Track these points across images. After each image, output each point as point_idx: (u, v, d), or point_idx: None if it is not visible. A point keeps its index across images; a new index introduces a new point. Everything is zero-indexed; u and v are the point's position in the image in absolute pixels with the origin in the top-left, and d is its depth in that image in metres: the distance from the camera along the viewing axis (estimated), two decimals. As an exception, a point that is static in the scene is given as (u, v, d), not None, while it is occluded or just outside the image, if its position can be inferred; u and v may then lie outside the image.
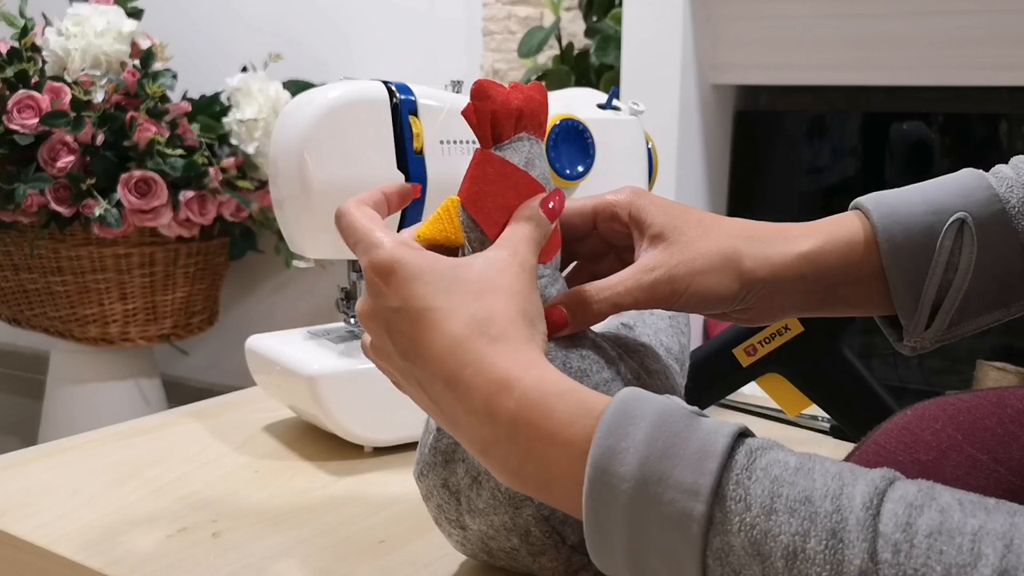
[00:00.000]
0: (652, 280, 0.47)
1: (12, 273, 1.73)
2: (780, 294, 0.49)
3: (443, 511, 0.49)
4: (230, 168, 1.70)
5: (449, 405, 0.41)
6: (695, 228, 0.48)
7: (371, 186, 0.50)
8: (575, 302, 0.47)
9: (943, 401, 0.44)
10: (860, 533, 0.31)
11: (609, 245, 0.52)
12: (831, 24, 1.32)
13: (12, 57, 1.58)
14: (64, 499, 0.63)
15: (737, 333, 0.70)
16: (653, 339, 0.56)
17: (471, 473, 0.47)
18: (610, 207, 0.50)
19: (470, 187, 0.47)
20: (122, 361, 1.79)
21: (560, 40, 1.60)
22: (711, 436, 0.35)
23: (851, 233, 0.49)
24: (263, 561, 0.55)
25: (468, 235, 0.47)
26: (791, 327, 0.68)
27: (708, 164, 1.49)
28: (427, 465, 0.49)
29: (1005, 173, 0.49)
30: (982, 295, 0.48)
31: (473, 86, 0.46)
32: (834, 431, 0.79)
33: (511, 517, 0.46)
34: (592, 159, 0.76)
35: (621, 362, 0.49)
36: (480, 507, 0.47)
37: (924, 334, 0.49)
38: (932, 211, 0.48)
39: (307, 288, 2.04)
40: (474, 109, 0.46)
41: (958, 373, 1.38)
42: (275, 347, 0.75)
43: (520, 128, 0.47)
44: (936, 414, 0.43)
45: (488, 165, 0.47)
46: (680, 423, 0.35)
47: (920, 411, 0.44)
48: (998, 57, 1.23)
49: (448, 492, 0.48)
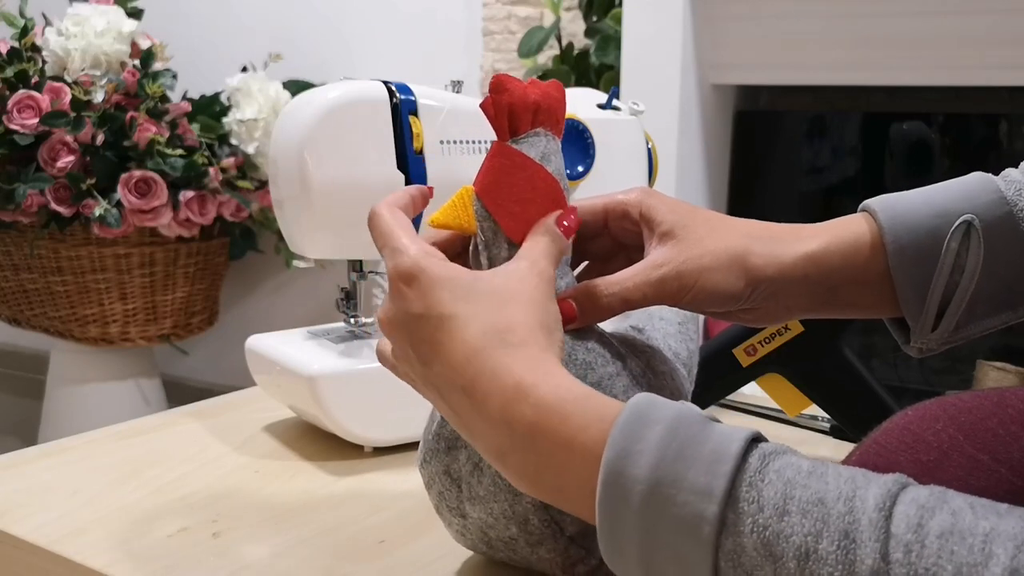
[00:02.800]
0: (660, 276, 0.48)
1: (12, 273, 1.73)
2: (785, 294, 0.49)
3: (444, 499, 0.50)
4: (230, 168, 1.70)
5: (467, 412, 0.41)
6: (704, 226, 0.49)
7: (371, 186, 0.50)
8: (585, 296, 0.48)
9: (944, 401, 0.44)
10: (872, 533, 0.31)
11: (620, 245, 0.53)
12: (831, 24, 1.32)
13: (12, 57, 1.58)
14: (64, 499, 0.63)
15: (737, 333, 0.70)
16: (661, 342, 0.56)
17: (472, 460, 0.47)
18: (621, 206, 0.51)
19: (485, 177, 0.48)
20: (122, 361, 1.79)
21: (560, 40, 1.60)
22: (725, 440, 0.35)
23: (857, 234, 0.49)
24: (263, 561, 0.55)
25: (481, 224, 0.47)
26: (791, 327, 0.68)
27: (708, 164, 1.49)
28: (430, 452, 0.50)
29: (1014, 176, 0.49)
30: (989, 297, 0.48)
31: (492, 80, 0.47)
32: (834, 431, 0.79)
33: (510, 505, 0.47)
34: (592, 159, 0.76)
35: (627, 360, 0.50)
36: (480, 494, 0.47)
37: (931, 336, 0.49)
38: (939, 214, 0.48)
39: (307, 288, 2.04)
40: (492, 102, 0.47)
41: (958, 373, 1.38)
42: (275, 347, 0.75)
43: (537, 123, 0.47)
44: (937, 414, 0.43)
45: (504, 157, 0.47)
46: (694, 427, 0.36)
47: (921, 411, 0.44)
48: (998, 57, 1.23)
49: (450, 479, 0.49)
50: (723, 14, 1.39)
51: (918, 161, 1.38)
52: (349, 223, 0.71)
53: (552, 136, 0.48)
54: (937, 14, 1.25)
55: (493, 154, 0.47)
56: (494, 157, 0.47)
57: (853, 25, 1.30)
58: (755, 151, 1.54)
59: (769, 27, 1.36)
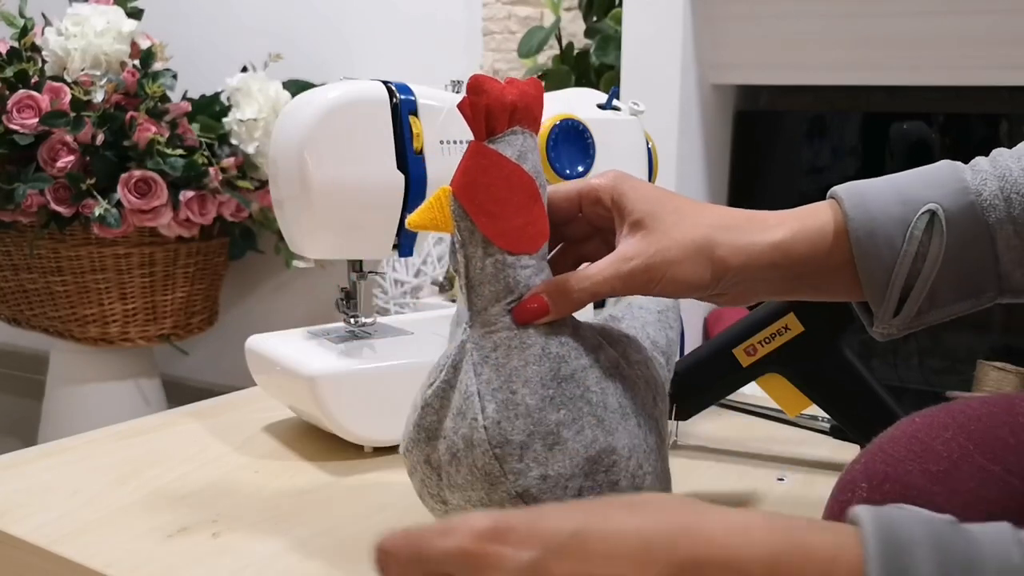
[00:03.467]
0: (629, 269, 0.48)
1: (12, 273, 1.73)
2: (752, 280, 0.50)
3: (426, 486, 0.51)
4: (230, 168, 1.70)
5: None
6: (672, 215, 0.49)
7: (371, 186, 0.50)
8: (556, 291, 0.48)
9: (952, 408, 0.44)
10: None
11: (594, 228, 0.53)
12: (831, 24, 1.32)
13: (12, 57, 1.58)
14: (64, 499, 0.63)
15: (737, 333, 0.70)
16: (640, 331, 0.57)
17: (451, 450, 0.48)
18: (594, 191, 0.51)
19: (462, 178, 0.48)
20: (122, 361, 1.79)
21: (560, 40, 1.60)
22: (997, 547, 0.32)
23: (822, 222, 0.49)
24: (263, 561, 0.55)
25: (458, 224, 0.48)
26: (791, 327, 0.68)
27: (708, 164, 1.49)
28: (411, 441, 0.51)
29: (981, 166, 0.49)
30: (952, 285, 0.48)
31: (469, 81, 0.47)
32: (834, 431, 0.79)
33: (487, 493, 0.47)
34: (592, 159, 0.76)
35: (601, 351, 0.51)
36: (459, 482, 0.48)
37: (892, 321, 0.49)
38: (904, 201, 0.48)
39: (307, 288, 2.04)
40: (469, 103, 0.48)
41: (958, 373, 1.38)
42: (275, 347, 0.75)
43: (514, 122, 0.48)
44: (946, 422, 0.43)
45: (481, 157, 0.48)
46: (956, 539, 0.32)
47: (929, 419, 0.44)
48: (998, 57, 1.23)
49: (430, 467, 0.50)
50: (723, 14, 1.39)
51: (918, 161, 1.37)
52: (349, 223, 0.71)
53: (529, 134, 0.49)
54: (937, 14, 1.25)
55: (470, 154, 0.48)
56: (471, 157, 0.48)
57: (853, 25, 1.30)
58: (755, 151, 1.54)
59: (769, 27, 1.36)
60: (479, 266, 0.48)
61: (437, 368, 0.50)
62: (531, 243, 0.49)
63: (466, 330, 0.49)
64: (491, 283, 0.48)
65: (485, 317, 0.48)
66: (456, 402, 0.48)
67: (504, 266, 0.48)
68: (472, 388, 0.47)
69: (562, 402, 0.48)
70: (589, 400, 0.48)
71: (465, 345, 0.48)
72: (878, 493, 0.42)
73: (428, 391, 0.50)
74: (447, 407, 0.49)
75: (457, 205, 0.48)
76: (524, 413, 0.47)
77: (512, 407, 0.47)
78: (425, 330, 0.81)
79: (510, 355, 0.48)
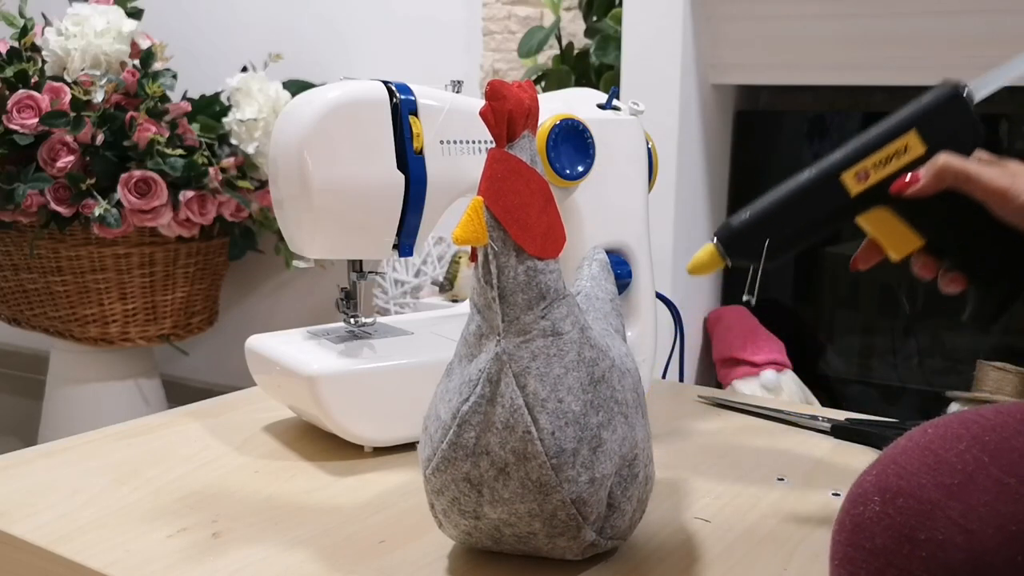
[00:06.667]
0: None
1: (12, 273, 1.73)
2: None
3: (458, 503, 0.51)
4: (230, 168, 1.70)
5: None
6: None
7: (371, 186, 0.50)
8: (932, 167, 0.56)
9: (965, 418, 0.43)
10: None
11: None
12: (831, 24, 1.32)
13: (12, 57, 1.58)
14: (64, 499, 0.63)
15: (847, 155, 0.60)
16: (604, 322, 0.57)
17: (498, 465, 0.48)
18: None
19: (490, 186, 0.48)
20: (122, 361, 1.80)
21: (560, 40, 1.60)
22: None
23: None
24: (263, 561, 0.55)
25: (491, 233, 0.48)
26: (911, 147, 0.59)
27: (708, 164, 1.49)
28: (444, 460, 0.50)
29: None
30: None
31: (488, 87, 0.47)
32: (834, 431, 0.79)
33: (539, 504, 0.48)
34: (592, 159, 0.76)
35: (610, 348, 0.52)
36: (505, 496, 0.49)
37: None
38: None
39: (307, 288, 2.04)
40: (492, 109, 0.47)
41: (958, 373, 1.38)
42: (275, 347, 0.75)
43: (526, 126, 0.48)
44: (959, 433, 0.42)
45: (505, 163, 0.48)
46: None
47: (942, 429, 0.43)
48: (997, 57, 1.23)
49: (470, 485, 0.50)
50: (723, 14, 1.39)
51: (918, 161, 1.38)
52: (349, 223, 0.71)
53: (532, 137, 0.49)
54: (936, 14, 1.25)
55: (494, 160, 0.48)
56: (495, 164, 0.48)
57: (853, 25, 1.30)
58: (755, 151, 1.54)
59: (769, 27, 1.36)
60: (512, 275, 0.48)
61: (469, 383, 0.49)
62: (555, 248, 0.49)
63: (499, 341, 0.48)
64: (524, 291, 0.48)
65: (519, 326, 0.48)
66: (501, 416, 0.48)
67: (536, 272, 0.48)
68: (519, 401, 0.47)
69: (599, 404, 0.49)
70: (616, 399, 0.50)
71: (500, 357, 0.48)
72: (891, 507, 0.41)
73: (464, 407, 0.49)
74: (487, 422, 0.48)
75: (490, 215, 0.48)
76: (572, 420, 0.48)
77: (561, 416, 0.48)
78: (425, 330, 0.81)
79: (551, 364, 0.48)
